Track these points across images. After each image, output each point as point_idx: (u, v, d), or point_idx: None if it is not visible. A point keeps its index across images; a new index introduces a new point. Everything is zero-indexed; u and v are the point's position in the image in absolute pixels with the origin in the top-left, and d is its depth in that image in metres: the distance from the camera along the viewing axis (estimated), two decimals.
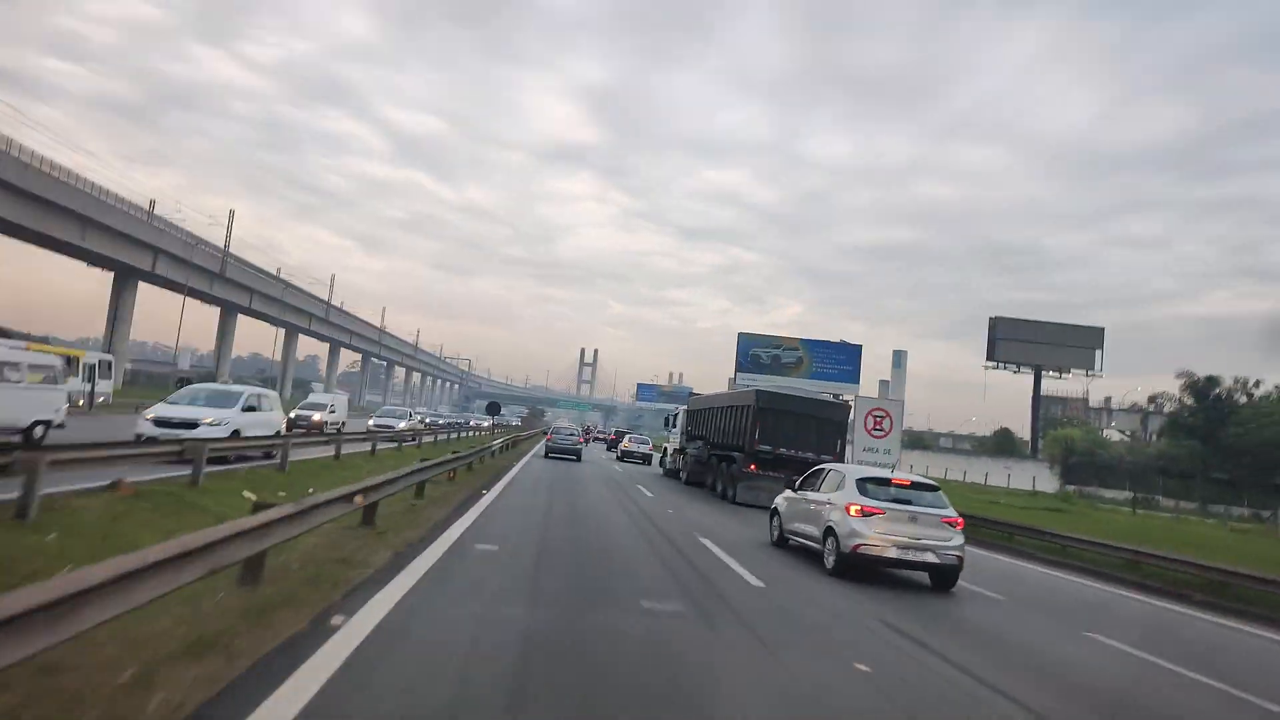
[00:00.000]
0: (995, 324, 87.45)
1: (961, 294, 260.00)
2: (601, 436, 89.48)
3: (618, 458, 43.25)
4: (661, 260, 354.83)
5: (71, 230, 48.87)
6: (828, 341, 56.08)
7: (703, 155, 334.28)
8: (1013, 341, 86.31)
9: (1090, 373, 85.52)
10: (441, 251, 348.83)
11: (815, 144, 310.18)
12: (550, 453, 35.16)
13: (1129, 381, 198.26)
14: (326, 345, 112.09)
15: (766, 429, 22.71)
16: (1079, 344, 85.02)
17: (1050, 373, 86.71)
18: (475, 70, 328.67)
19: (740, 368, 55.42)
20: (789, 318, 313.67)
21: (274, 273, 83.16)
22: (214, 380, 33.27)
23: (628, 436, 47.19)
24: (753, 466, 22.65)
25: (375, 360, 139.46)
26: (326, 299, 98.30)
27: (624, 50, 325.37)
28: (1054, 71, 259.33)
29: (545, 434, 43.87)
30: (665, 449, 34.92)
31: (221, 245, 66.81)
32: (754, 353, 55.65)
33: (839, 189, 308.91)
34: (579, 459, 35.20)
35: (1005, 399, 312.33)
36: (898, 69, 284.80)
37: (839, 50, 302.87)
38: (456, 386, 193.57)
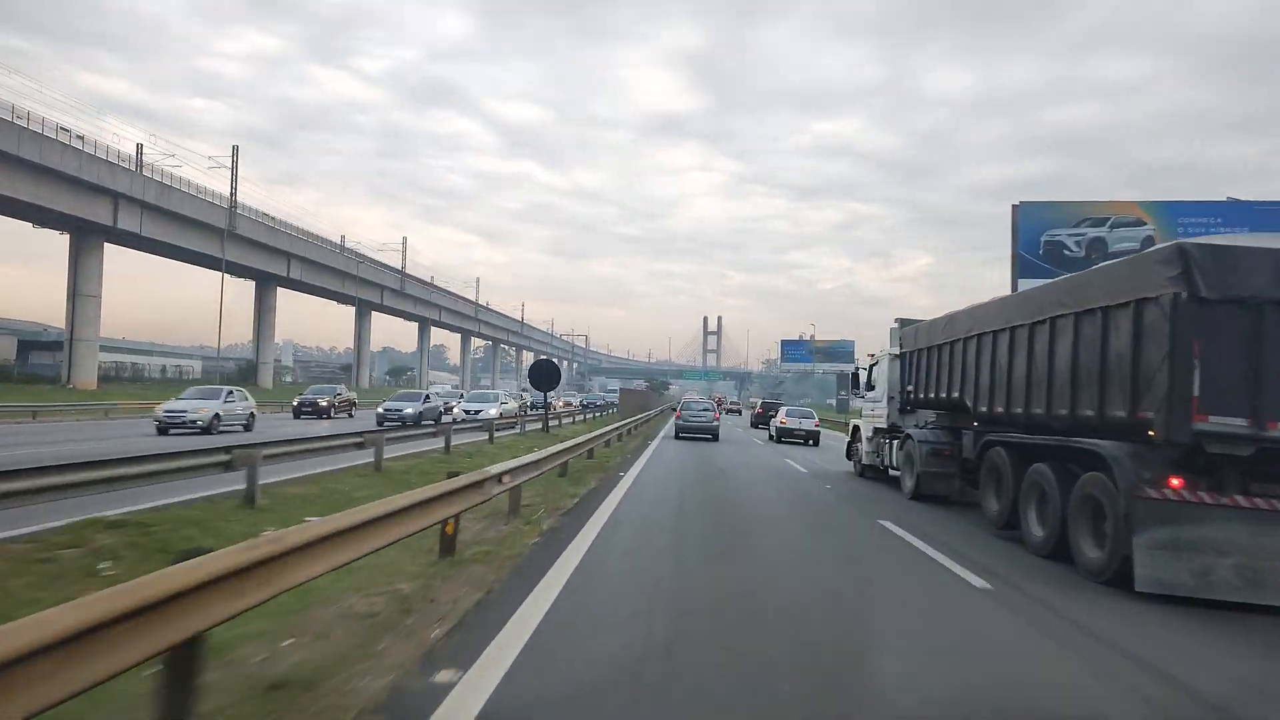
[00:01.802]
0: None
1: None
2: (735, 407, 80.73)
3: (773, 437, 31.65)
4: (776, 223, 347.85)
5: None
6: (1233, 202, 28.11)
7: (809, 108, 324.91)
8: None
9: None
10: (557, 237, 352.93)
11: (931, 80, 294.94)
12: (681, 433, 28.75)
13: None
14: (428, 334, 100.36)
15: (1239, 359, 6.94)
16: None
17: None
18: (570, 54, 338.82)
19: (1025, 269, 28.05)
20: (918, 269, 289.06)
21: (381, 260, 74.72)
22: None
23: (784, 409, 34.29)
24: (1184, 485, 7.06)
25: (503, 346, 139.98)
26: (400, 268, 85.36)
27: (716, 8, 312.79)
28: None
29: (674, 410, 37.50)
30: (856, 429, 18.90)
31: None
32: (1053, 238, 28.66)
33: (962, 125, 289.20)
34: (716, 438, 28.50)
35: None
36: None
37: None
38: (575, 365, 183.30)
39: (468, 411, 30.22)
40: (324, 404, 32.71)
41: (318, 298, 77.72)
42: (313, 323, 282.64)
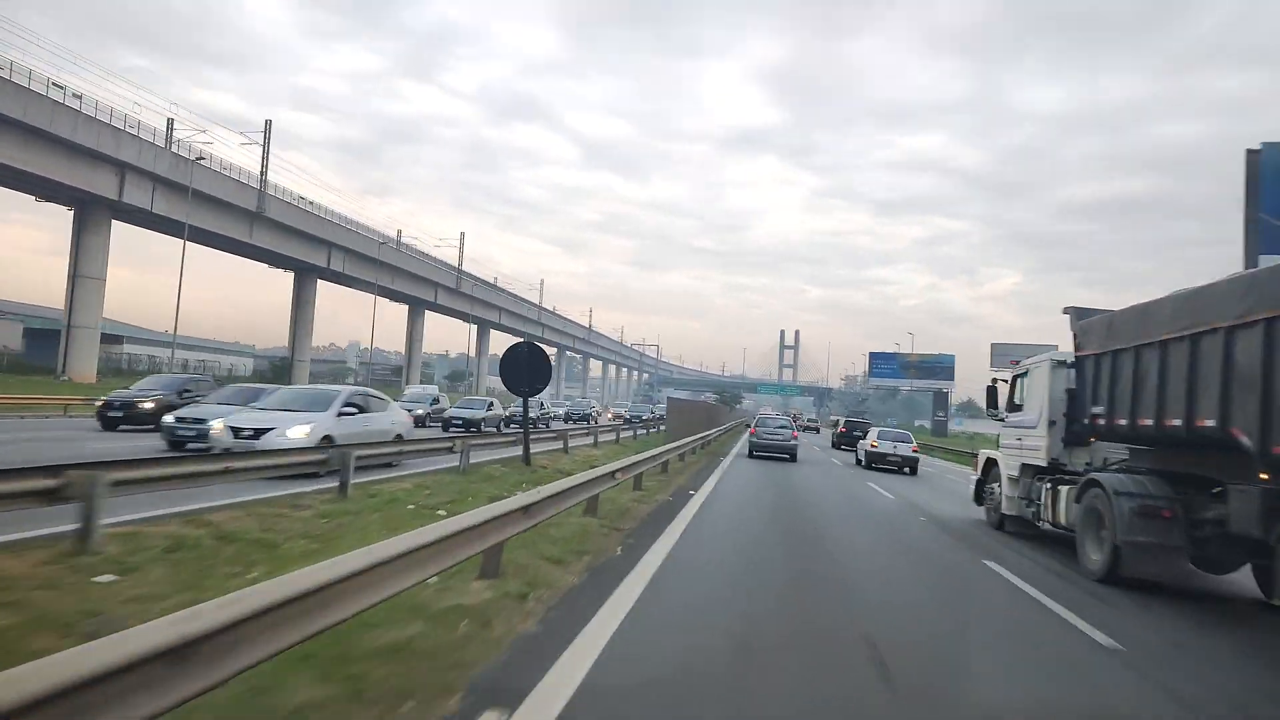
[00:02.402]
0: None
1: (1217, 248, 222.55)
2: (813, 424, 75.71)
3: (860, 462, 27.53)
4: (858, 238, 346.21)
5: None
6: None
7: (894, 122, 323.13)
8: None
9: None
10: (634, 248, 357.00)
11: (1023, 94, 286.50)
12: (755, 451, 26.21)
13: None
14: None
15: None
16: None
17: None
18: (653, 68, 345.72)
19: (1271, 239, 19.76)
20: (1006, 289, 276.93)
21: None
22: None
23: (875, 430, 29.61)
24: None
25: (570, 354, 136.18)
26: (457, 266, 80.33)
27: (802, 23, 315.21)
28: None
29: (748, 426, 36.46)
30: (990, 464, 13.76)
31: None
32: None
33: (1055, 141, 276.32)
34: (794, 458, 25.83)
35: None
36: None
37: None
38: (644, 375, 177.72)
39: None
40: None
41: (375, 296, 73.32)
42: (378, 324, 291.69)
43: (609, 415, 41.94)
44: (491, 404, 30.45)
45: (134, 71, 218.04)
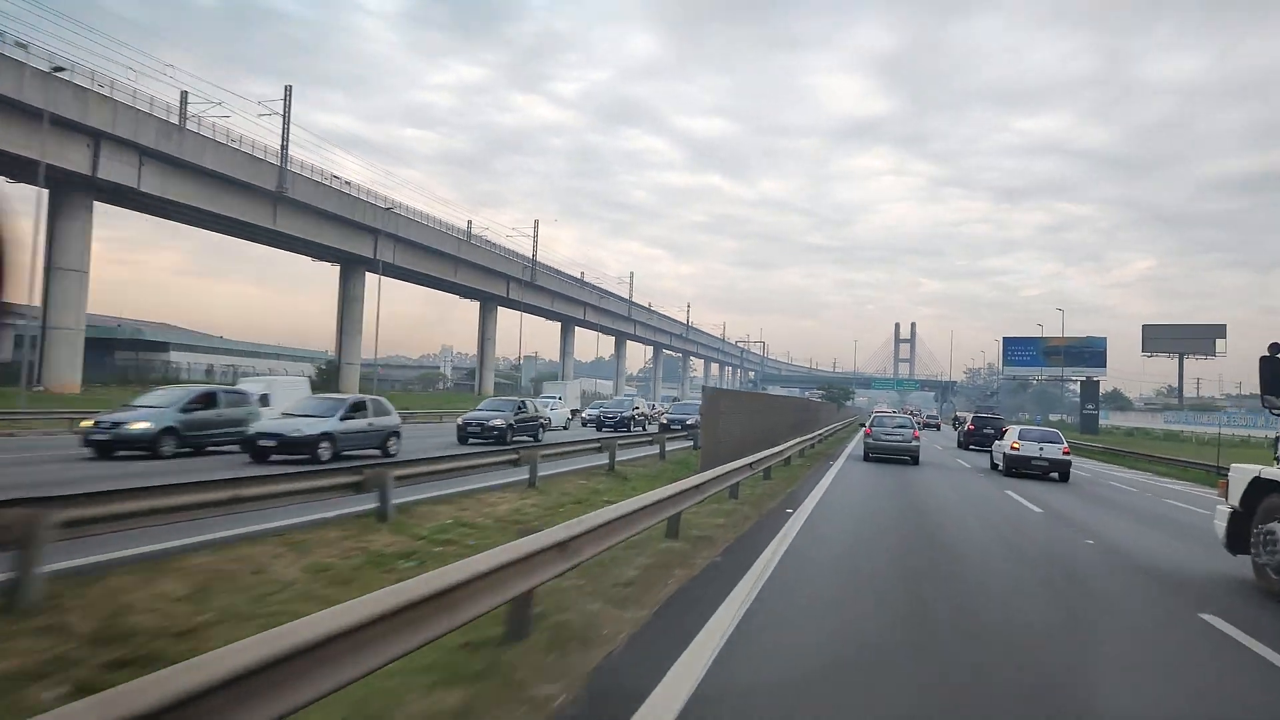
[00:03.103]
0: None
1: None
2: (933, 421, 70.62)
3: (996, 466, 23.60)
4: (976, 227, 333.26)
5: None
6: None
7: (1013, 104, 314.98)
8: None
9: None
10: (742, 249, 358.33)
11: (1156, 65, 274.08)
12: (871, 453, 24.35)
13: None
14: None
15: None
16: None
17: None
18: (757, 64, 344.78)
19: None
20: (1137, 273, 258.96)
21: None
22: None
23: (1016, 429, 24.68)
24: None
25: (669, 352, 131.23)
26: (531, 256, 73.43)
27: (909, 8, 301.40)
28: None
29: (862, 426, 33.50)
30: (1258, 488, 8.20)
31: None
32: None
33: (1195, 113, 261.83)
34: (915, 461, 23.83)
35: None
36: None
37: None
38: (750, 374, 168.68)
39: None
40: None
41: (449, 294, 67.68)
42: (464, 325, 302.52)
43: (664, 419, 33.12)
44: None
45: (257, 97, 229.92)
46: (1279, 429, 9.10)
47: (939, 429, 65.98)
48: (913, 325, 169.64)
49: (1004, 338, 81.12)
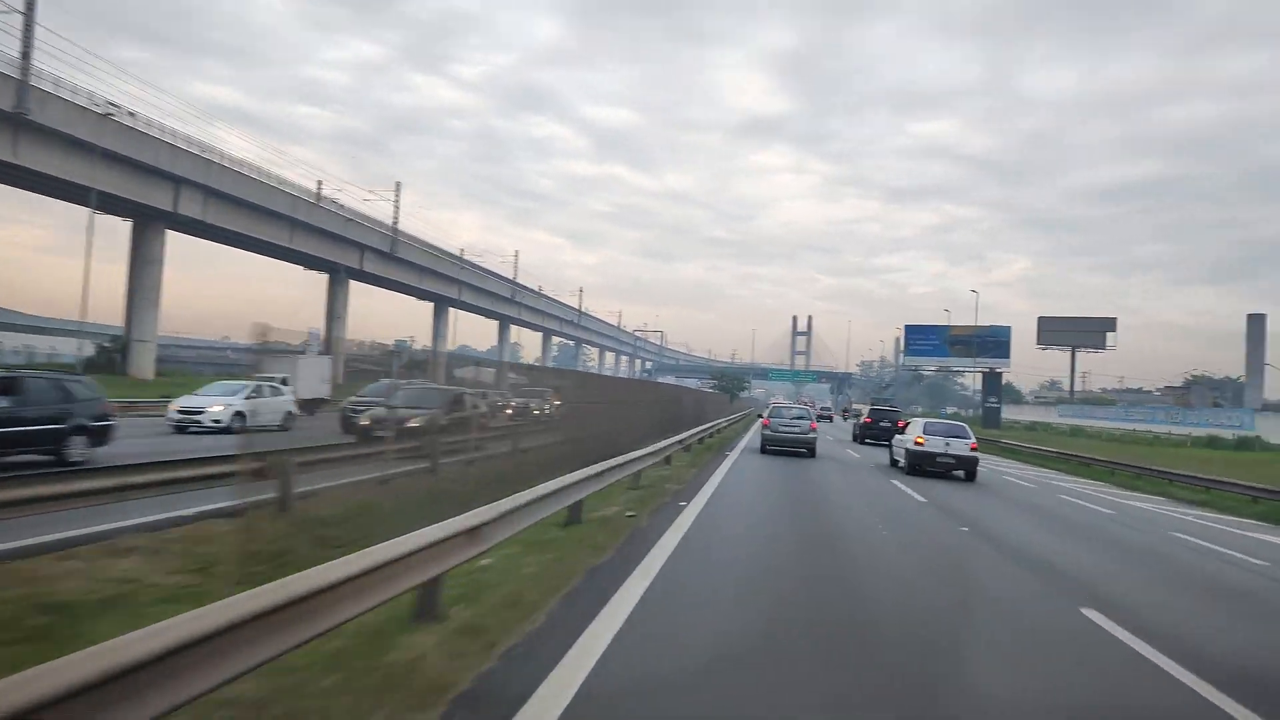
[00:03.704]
0: None
1: (1230, 231, 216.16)
2: (826, 413, 69.35)
3: (897, 463, 22.52)
4: (869, 226, 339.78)
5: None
6: None
7: (907, 109, 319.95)
8: None
9: None
10: (646, 240, 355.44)
11: (1034, 79, 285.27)
12: (769, 445, 24.22)
13: None
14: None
15: None
16: None
17: None
18: (664, 57, 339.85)
19: None
20: (1013, 274, 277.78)
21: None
22: None
23: (921, 423, 22.91)
24: None
25: (562, 340, 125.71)
26: (393, 224, 64.86)
27: (813, 9, 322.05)
28: None
29: (760, 418, 31.71)
30: None
31: None
32: None
33: (1067, 125, 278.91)
34: (812, 453, 23.73)
35: None
36: None
37: None
38: (649, 364, 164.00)
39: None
40: None
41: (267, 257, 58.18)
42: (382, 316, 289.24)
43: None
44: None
45: (134, 65, 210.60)
46: None
47: (831, 420, 65.53)
48: (809, 318, 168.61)
49: (906, 325, 77.12)
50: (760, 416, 33.01)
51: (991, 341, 69.03)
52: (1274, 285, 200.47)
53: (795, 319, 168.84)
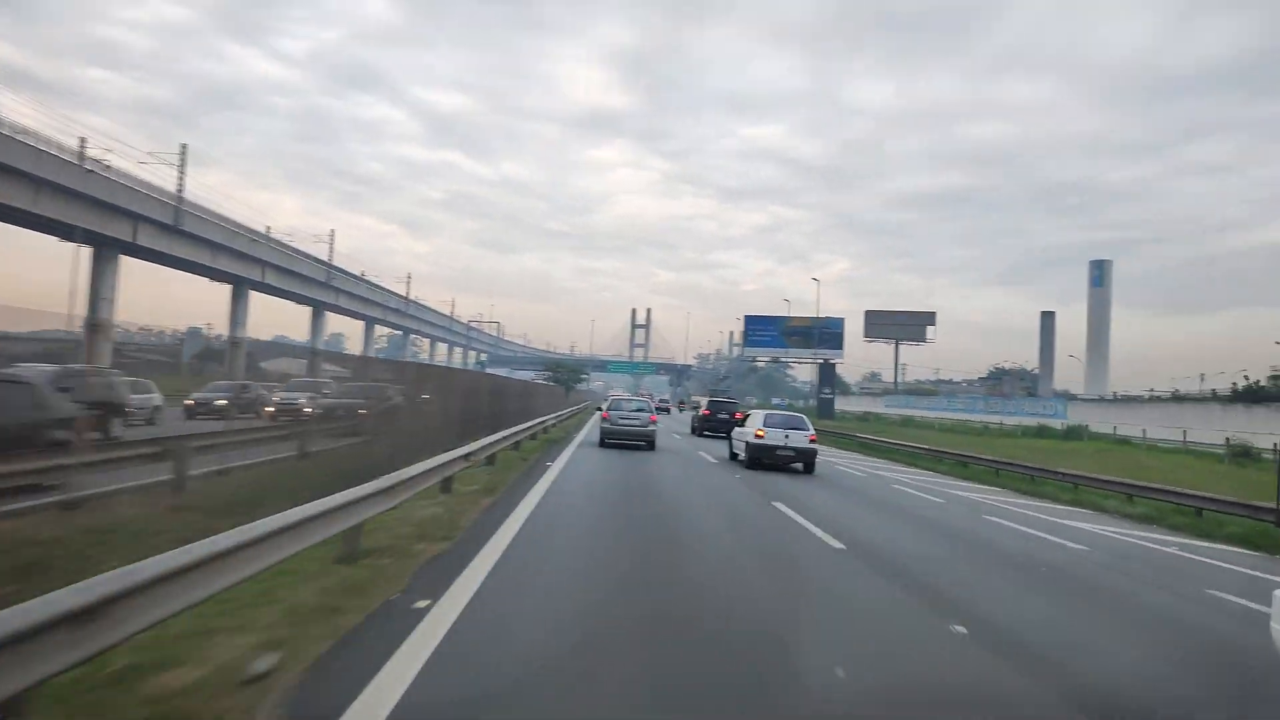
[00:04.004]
0: None
1: (1019, 238, 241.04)
2: (664, 405, 69.64)
3: (737, 456, 22.00)
4: (705, 223, 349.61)
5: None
6: None
7: (741, 112, 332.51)
8: None
9: None
10: (482, 230, 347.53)
11: (857, 91, 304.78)
12: (608, 439, 23.80)
13: None
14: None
15: None
16: None
17: None
18: (503, 43, 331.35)
19: None
20: (835, 274, 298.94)
21: None
22: None
23: (761, 415, 22.49)
24: None
25: (390, 330, 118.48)
26: (177, 192, 56.39)
27: (652, 8, 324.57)
28: None
29: (600, 410, 31.21)
30: None
31: None
32: None
33: (885, 136, 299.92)
34: (652, 446, 23.46)
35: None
36: (940, 1, 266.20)
37: None
38: (483, 355, 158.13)
39: None
40: None
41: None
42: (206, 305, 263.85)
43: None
44: None
45: None
46: None
47: (669, 412, 65.66)
48: (648, 311, 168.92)
49: (746, 316, 76.49)
50: (599, 409, 32.35)
51: (826, 333, 69.73)
52: (1058, 287, 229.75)
53: (634, 311, 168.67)
